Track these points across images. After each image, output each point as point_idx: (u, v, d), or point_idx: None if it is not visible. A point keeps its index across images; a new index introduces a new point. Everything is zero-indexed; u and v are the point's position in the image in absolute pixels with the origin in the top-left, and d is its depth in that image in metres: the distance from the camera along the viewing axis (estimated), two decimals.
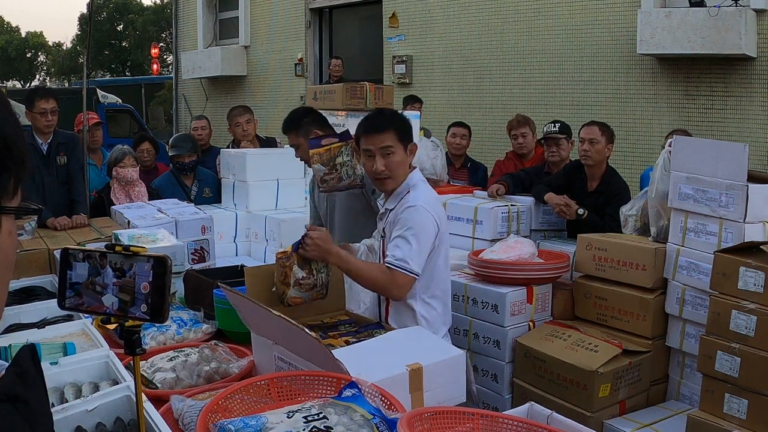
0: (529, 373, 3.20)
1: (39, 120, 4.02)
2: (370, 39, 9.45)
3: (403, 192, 2.49)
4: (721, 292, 2.68)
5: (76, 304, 1.22)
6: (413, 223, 2.37)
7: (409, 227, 2.37)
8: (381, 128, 2.45)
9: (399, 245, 2.36)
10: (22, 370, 0.77)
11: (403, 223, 2.38)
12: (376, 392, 1.48)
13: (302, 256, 2.33)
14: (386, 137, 2.43)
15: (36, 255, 3.10)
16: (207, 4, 11.58)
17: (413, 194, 2.45)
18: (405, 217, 2.38)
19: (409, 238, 2.36)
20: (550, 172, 4.30)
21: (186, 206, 3.80)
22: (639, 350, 3.12)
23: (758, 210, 2.86)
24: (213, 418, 1.40)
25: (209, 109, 10.93)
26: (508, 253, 3.39)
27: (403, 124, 2.50)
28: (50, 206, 3.91)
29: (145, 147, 5.20)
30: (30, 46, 36.54)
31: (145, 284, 1.18)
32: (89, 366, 1.93)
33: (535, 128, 5.08)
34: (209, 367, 1.98)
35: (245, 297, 1.97)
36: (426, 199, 2.46)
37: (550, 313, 3.46)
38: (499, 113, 7.53)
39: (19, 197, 0.77)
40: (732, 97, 6.19)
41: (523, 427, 1.44)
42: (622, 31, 6.80)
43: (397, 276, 2.35)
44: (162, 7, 29.88)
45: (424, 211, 2.41)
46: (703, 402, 2.72)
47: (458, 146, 5.40)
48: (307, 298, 2.37)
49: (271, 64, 10.60)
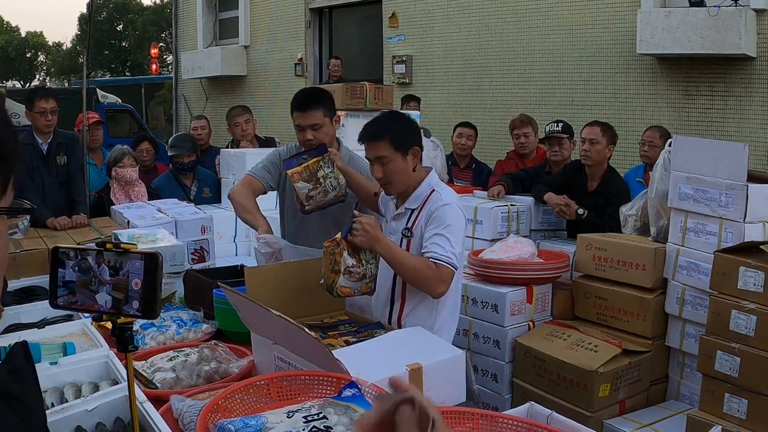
0: (529, 373, 3.20)
1: (39, 120, 4.02)
2: (370, 39, 9.45)
3: (425, 192, 2.50)
4: (721, 292, 2.69)
5: (69, 302, 1.22)
6: (451, 220, 2.40)
7: (448, 224, 2.39)
8: (374, 137, 2.46)
9: (439, 242, 2.37)
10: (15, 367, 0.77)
11: (440, 221, 2.39)
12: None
13: (352, 244, 2.32)
14: (380, 147, 2.44)
15: (36, 255, 3.10)
16: (207, 4, 11.58)
17: (443, 194, 2.48)
18: (442, 214, 2.40)
19: (448, 236, 2.38)
20: (551, 171, 4.30)
21: (186, 206, 3.80)
22: (639, 350, 3.12)
23: (758, 210, 2.86)
24: (213, 418, 1.40)
25: (209, 109, 10.92)
26: (507, 253, 3.39)
27: (399, 129, 2.48)
28: (50, 206, 3.92)
29: (145, 147, 5.19)
30: (30, 46, 36.55)
31: (137, 281, 1.18)
32: (89, 366, 1.93)
33: (537, 128, 5.08)
34: (209, 367, 1.98)
35: (245, 297, 1.97)
36: (456, 199, 2.50)
37: (549, 313, 3.46)
38: (499, 113, 7.53)
39: (10, 197, 0.77)
40: (732, 97, 6.19)
41: (523, 427, 1.44)
42: (621, 31, 6.80)
43: (443, 271, 2.35)
44: (162, 7, 29.88)
45: (459, 210, 2.45)
46: (703, 402, 2.72)
47: (464, 146, 5.40)
48: (356, 289, 2.36)
49: (270, 64, 10.60)
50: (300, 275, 2.44)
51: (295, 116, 2.90)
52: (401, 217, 2.55)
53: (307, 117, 2.87)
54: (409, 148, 2.46)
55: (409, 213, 2.52)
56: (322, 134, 2.89)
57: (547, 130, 4.49)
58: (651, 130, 4.55)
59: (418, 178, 2.52)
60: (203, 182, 4.88)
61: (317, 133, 2.88)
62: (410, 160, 2.46)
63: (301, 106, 2.89)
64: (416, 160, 2.49)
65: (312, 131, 2.87)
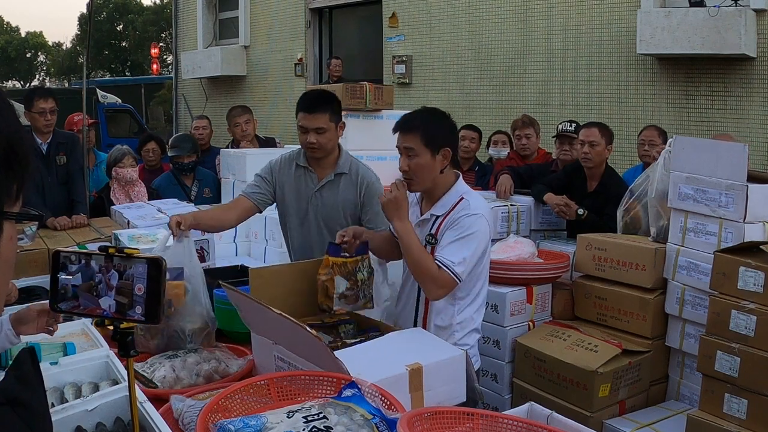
0: (529, 373, 3.20)
1: (38, 120, 4.01)
2: (370, 39, 9.45)
3: (452, 199, 2.43)
4: (721, 292, 2.68)
5: (71, 306, 1.21)
6: (474, 230, 2.33)
7: (469, 234, 2.33)
8: (407, 128, 2.41)
9: (453, 249, 2.32)
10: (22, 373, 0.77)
11: (462, 229, 2.34)
12: (376, 392, 1.48)
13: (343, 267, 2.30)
14: (410, 138, 2.37)
15: (36, 255, 3.10)
16: (207, 4, 11.58)
17: (472, 202, 2.40)
18: (466, 223, 2.34)
19: (464, 244, 2.32)
20: (557, 170, 4.30)
21: (186, 206, 3.80)
22: (639, 350, 3.12)
23: (758, 210, 2.86)
24: (213, 418, 1.40)
25: (209, 109, 10.92)
26: (507, 253, 3.39)
27: (434, 126, 2.41)
28: (50, 206, 3.91)
29: (151, 147, 5.19)
30: (30, 46, 36.54)
31: (140, 286, 1.18)
32: (89, 366, 1.94)
33: (540, 129, 5.09)
34: (209, 366, 1.98)
35: (246, 296, 1.97)
36: (485, 209, 2.43)
37: (549, 313, 3.46)
38: (499, 113, 7.53)
39: (20, 202, 0.77)
40: (732, 97, 6.19)
41: (523, 427, 1.44)
42: (622, 31, 6.80)
43: (443, 275, 2.30)
44: (162, 7, 29.86)
45: (485, 222, 2.38)
46: (703, 402, 2.72)
47: (467, 149, 5.40)
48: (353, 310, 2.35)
49: (271, 64, 10.60)
50: (302, 276, 2.43)
51: (300, 117, 2.82)
52: (426, 223, 2.47)
53: (312, 119, 2.79)
54: (441, 148, 2.38)
55: (434, 219, 2.44)
56: (325, 139, 2.81)
57: (559, 129, 4.50)
58: (648, 130, 4.56)
59: (445, 183, 2.45)
60: (204, 182, 4.88)
61: (320, 137, 2.80)
62: (439, 160, 2.39)
63: (308, 107, 2.80)
64: (446, 162, 2.40)
65: (315, 134, 2.79)
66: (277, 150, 5.27)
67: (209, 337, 2.19)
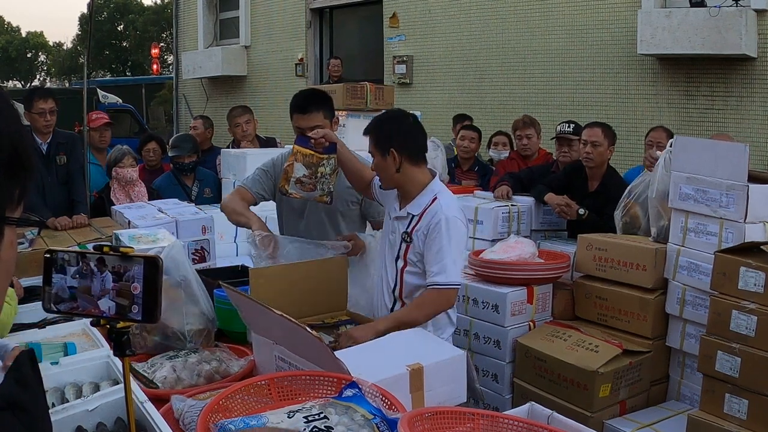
0: (530, 373, 3.20)
1: (38, 120, 4.01)
2: (371, 39, 9.45)
3: (427, 198, 2.51)
4: (722, 292, 2.68)
5: (70, 307, 1.20)
6: (452, 234, 2.42)
7: (449, 241, 2.41)
8: (365, 132, 2.58)
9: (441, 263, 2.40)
10: (22, 376, 0.77)
11: (442, 236, 2.42)
12: (376, 392, 1.48)
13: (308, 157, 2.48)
14: (369, 142, 2.54)
15: (36, 255, 3.10)
16: (207, 4, 11.58)
17: (444, 203, 2.48)
18: (443, 230, 2.42)
19: (450, 253, 2.41)
20: (557, 172, 4.29)
21: (186, 206, 3.79)
22: (639, 350, 3.12)
23: (758, 210, 2.86)
24: (214, 418, 1.40)
25: (209, 109, 10.92)
26: (508, 253, 3.39)
27: (384, 129, 2.52)
28: (50, 206, 3.91)
29: (152, 147, 5.18)
30: (30, 46, 36.55)
31: (136, 285, 1.17)
32: (90, 366, 1.93)
33: (541, 130, 5.08)
34: (209, 366, 1.98)
35: (247, 296, 1.97)
36: (457, 208, 2.52)
37: (550, 313, 3.46)
38: (499, 113, 7.53)
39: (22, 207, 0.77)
40: (732, 97, 6.19)
41: (523, 427, 1.44)
42: (622, 31, 6.80)
43: (451, 294, 2.44)
44: (162, 7, 29.86)
45: (461, 224, 2.48)
46: (704, 402, 2.72)
47: (466, 149, 5.40)
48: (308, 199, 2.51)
49: (271, 64, 10.61)
50: (303, 276, 2.44)
51: (295, 118, 2.87)
52: (402, 219, 2.55)
53: (307, 119, 2.84)
54: (388, 150, 2.47)
55: (411, 218, 2.52)
56: None
57: (558, 131, 4.49)
58: (656, 131, 4.51)
59: (418, 181, 2.53)
60: (204, 182, 4.88)
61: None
62: (390, 161, 2.48)
63: (302, 108, 2.86)
64: (397, 162, 2.47)
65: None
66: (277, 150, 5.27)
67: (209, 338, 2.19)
